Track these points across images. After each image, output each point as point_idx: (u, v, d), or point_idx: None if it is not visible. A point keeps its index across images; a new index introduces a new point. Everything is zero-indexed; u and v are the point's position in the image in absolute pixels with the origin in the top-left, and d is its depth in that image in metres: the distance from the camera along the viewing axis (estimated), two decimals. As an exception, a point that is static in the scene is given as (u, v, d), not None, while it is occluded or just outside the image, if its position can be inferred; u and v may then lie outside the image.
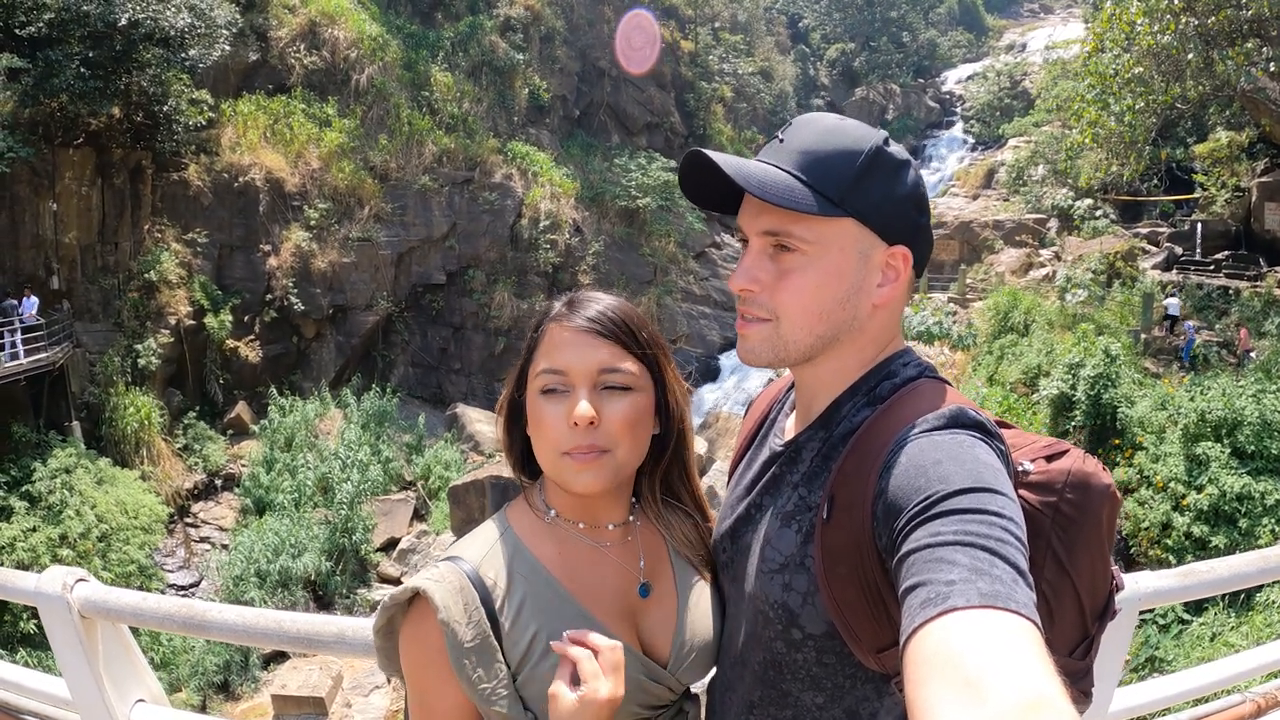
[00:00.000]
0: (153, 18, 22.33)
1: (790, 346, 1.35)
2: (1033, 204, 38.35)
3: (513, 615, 1.43)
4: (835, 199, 1.28)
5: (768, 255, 1.34)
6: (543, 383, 1.45)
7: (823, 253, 1.30)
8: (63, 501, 19.04)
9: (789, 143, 1.33)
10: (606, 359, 1.44)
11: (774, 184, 1.27)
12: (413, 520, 24.15)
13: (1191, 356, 21.54)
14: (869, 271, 1.33)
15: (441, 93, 34.10)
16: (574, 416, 1.40)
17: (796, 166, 1.30)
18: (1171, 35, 18.73)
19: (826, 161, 1.29)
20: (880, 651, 1.25)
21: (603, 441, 1.42)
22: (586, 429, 1.41)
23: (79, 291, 24.30)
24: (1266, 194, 27.41)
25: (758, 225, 1.34)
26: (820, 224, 1.29)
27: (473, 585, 1.41)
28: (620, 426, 1.43)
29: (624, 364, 1.45)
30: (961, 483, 1.07)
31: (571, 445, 1.41)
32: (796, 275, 1.31)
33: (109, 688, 2.41)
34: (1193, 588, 2.64)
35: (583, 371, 1.43)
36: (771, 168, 1.30)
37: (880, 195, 1.31)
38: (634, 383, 1.46)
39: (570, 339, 1.45)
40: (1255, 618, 11.73)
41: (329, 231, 29.68)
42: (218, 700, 17.36)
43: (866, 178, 1.30)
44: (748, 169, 1.29)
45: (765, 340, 1.36)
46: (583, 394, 1.42)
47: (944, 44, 66.98)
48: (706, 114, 47.43)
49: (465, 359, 32.68)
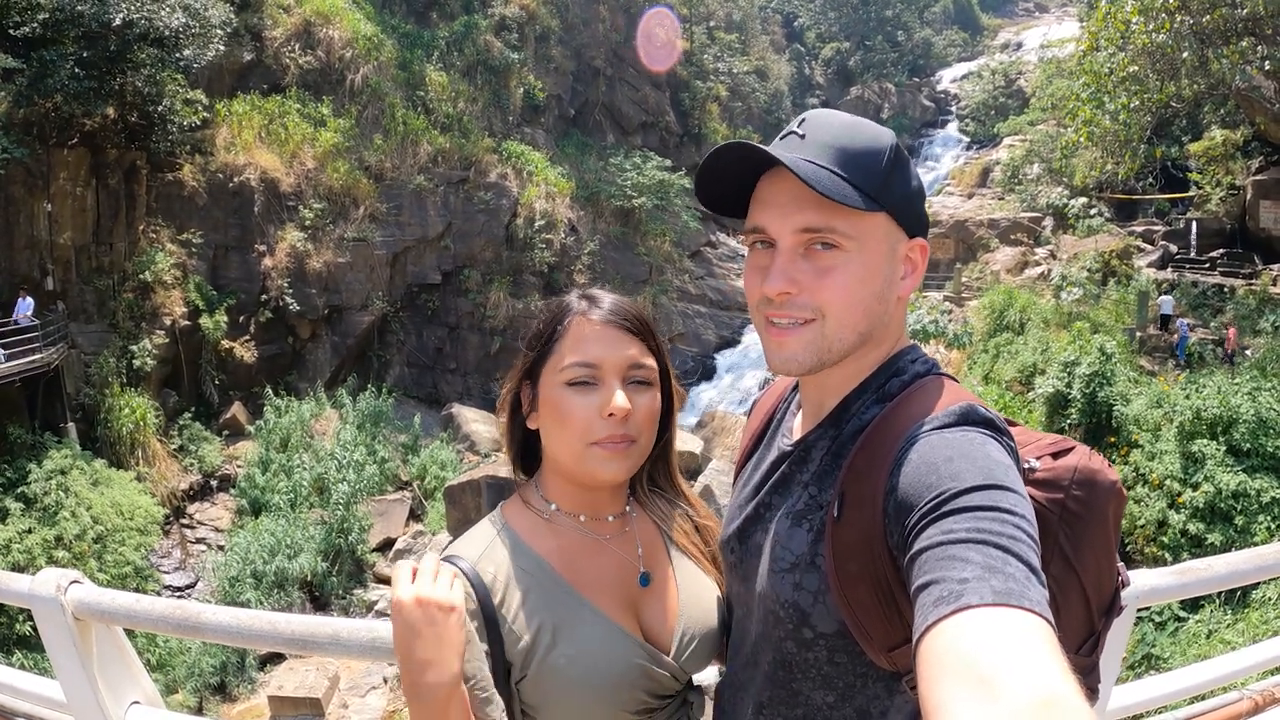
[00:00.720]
0: (147, 17, 22.25)
1: (835, 345, 1.33)
2: (1028, 202, 38.38)
3: (514, 610, 1.44)
4: (873, 194, 1.28)
5: (800, 255, 1.32)
6: (571, 375, 1.49)
7: (862, 248, 1.30)
8: (58, 503, 19.02)
9: (812, 137, 1.32)
10: (636, 354, 1.50)
11: (824, 179, 1.26)
12: (409, 520, 24.14)
13: (1187, 354, 21.59)
14: (896, 265, 1.34)
15: (436, 92, 34.06)
16: (611, 407, 1.45)
17: (832, 162, 1.29)
18: (1166, 34, 18.74)
19: (859, 158, 1.30)
20: (892, 650, 1.24)
21: (632, 432, 1.49)
22: (622, 420, 1.46)
23: (74, 292, 24.24)
24: (1261, 192, 27.46)
25: (793, 223, 1.31)
26: (860, 219, 1.29)
27: (470, 583, 1.43)
28: (646, 418, 1.51)
29: (648, 359, 1.52)
30: (973, 480, 1.07)
31: (604, 435, 1.46)
32: (839, 272, 1.30)
33: (104, 690, 2.40)
34: (1190, 585, 2.64)
35: (615, 365, 1.48)
36: (811, 163, 1.28)
37: (903, 190, 1.33)
38: (653, 378, 1.54)
39: (600, 333, 1.49)
40: (1251, 615, 11.75)
41: (324, 231, 29.64)
42: (214, 702, 17.34)
43: (893, 173, 1.31)
44: (800, 164, 1.27)
45: (810, 343, 1.32)
46: (616, 386, 1.47)
47: (939, 43, 67.04)
48: (701, 113, 47.46)
49: (461, 359, 32.66)
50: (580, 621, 1.47)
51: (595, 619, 1.48)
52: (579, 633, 1.46)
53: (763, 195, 1.36)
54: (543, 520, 1.55)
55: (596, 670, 1.42)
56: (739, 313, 39.26)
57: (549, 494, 1.58)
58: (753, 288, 1.36)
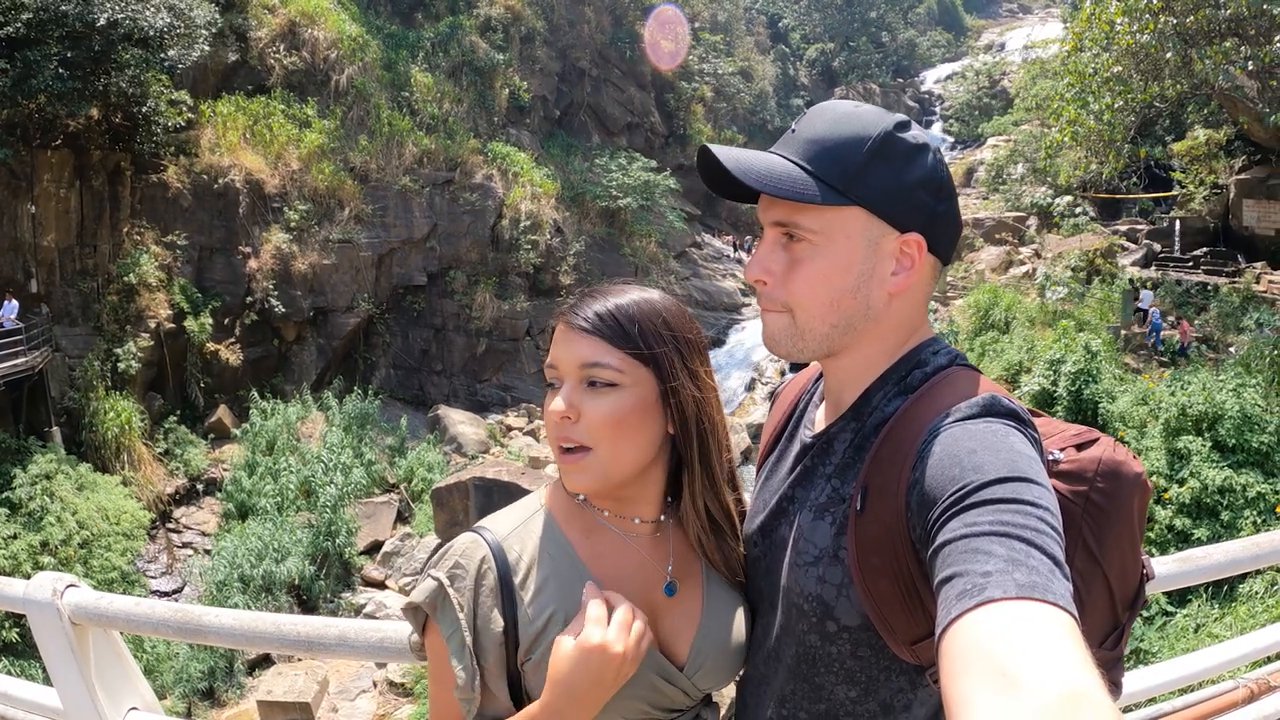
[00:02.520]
0: (131, 18, 22.10)
1: (807, 337, 1.35)
2: (1012, 202, 38.55)
3: (533, 592, 1.43)
4: (840, 187, 1.27)
5: (780, 245, 1.34)
6: (546, 376, 1.49)
7: (828, 242, 1.30)
8: (43, 508, 18.88)
9: (800, 132, 1.33)
10: (587, 354, 1.43)
11: (776, 175, 1.27)
12: (396, 523, 24.07)
13: (1162, 342, 21.86)
14: (880, 260, 1.32)
15: (422, 93, 33.97)
16: (549, 409, 1.44)
17: (802, 156, 1.29)
18: (1150, 34, 18.84)
19: (833, 150, 1.29)
20: (914, 643, 1.24)
21: (582, 438, 1.42)
22: (561, 422, 1.43)
23: (58, 295, 24.06)
24: (1244, 191, 27.64)
25: (769, 216, 1.35)
26: (826, 213, 1.29)
27: (493, 556, 1.42)
28: (600, 423, 1.41)
29: (607, 359, 1.42)
30: (997, 472, 1.06)
31: (556, 438, 1.44)
32: (806, 265, 1.31)
33: (101, 696, 2.37)
34: (1190, 573, 2.69)
35: (568, 367, 1.45)
36: (777, 158, 1.30)
37: (889, 182, 1.29)
38: (618, 379, 1.42)
39: (562, 334, 1.47)
40: (1239, 608, 11.80)
41: (309, 233, 29.51)
42: (202, 707, 17.24)
43: (874, 164, 1.29)
44: (749, 162, 1.29)
45: (783, 331, 1.36)
46: (566, 388, 1.44)
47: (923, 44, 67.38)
48: (686, 114, 47.57)
49: (447, 360, 32.58)
50: None
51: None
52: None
53: None
54: (577, 507, 1.53)
55: None
56: (725, 313, 39.33)
57: None
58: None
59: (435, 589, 1.40)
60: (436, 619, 1.40)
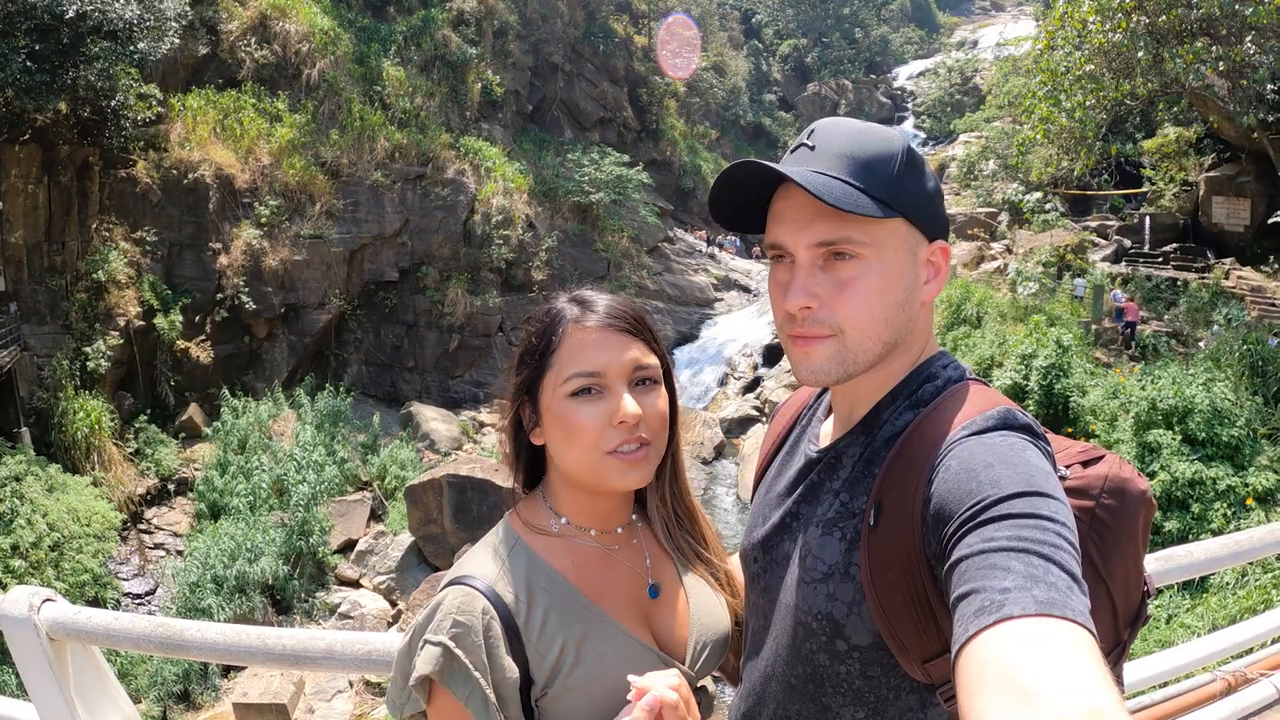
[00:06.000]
0: (100, 10, 21.74)
1: (860, 358, 1.32)
2: (984, 198, 38.84)
3: (538, 630, 1.42)
4: (887, 200, 1.27)
5: (819, 268, 1.30)
6: (574, 386, 1.45)
7: (879, 256, 1.28)
8: (13, 510, 18.57)
9: (822, 149, 1.31)
10: (638, 355, 1.47)
11: (834, 190, 1.25)
12: (370, 521, 23.93)
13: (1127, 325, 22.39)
14: (918, 270, 1.33)
15: (394, 87, 33.77)
16: (622, 415, 1.42)
17: (843, 171, 1.27)
18: (1122, 33, 19.04)
19: (869, 164, 1.28)
20: (927, 661, 1.23)
21: (646, 435, 1.45)
22: (633, 426, 1.43)
23: (25, 293, 23.65)
24: (1213, 188, 27.98)
25: (807, 237, 1.29)
26: (875, 226, 1.28)
27: (492, 604, 1.40)
28: (657, 419, 1.48)
29: (649, 358, 1.48)
30: (1014, 487, 1.06)
31: (617, 443, 1.43)
32: (858, 283, 1.28)
33: (81, 712, 2.32)
34: (1173, 571, 2.74)
35: (619, 370, 1.45)
36: (821, 175, 1.27)
37: (919, 193, 1.31)
38: (659, 375, 1.50)
39: (599, 339, 1.46)
40: (1210, 599, 11.96)
41: (280, 229, 29.27)
42: (178, 710, 17.10)
43: (905, 177, 1.30)
44: (808, 178, 1.26)
45: (833, 357, 1.31)
46: (623, 391, 1.44)
47: (896, 40, 67.76)
48: (659, 109, 47.60)
49: (419, 357, 32.46)
50: (600, 637, 1.45)
51: (615, 633, 1.47)
52: (600, 648, 1.44)
53: (778, 211, 1.35)
54: (553, 534, 1.52)
55: (620, 683, 1.39)
56: (697, 308, 39.42)
57: (558, 507, 1.54)
58: (777, 303, 1.36)
59: (441, 654, 1.35)
60: (446, 684, 1.35)
